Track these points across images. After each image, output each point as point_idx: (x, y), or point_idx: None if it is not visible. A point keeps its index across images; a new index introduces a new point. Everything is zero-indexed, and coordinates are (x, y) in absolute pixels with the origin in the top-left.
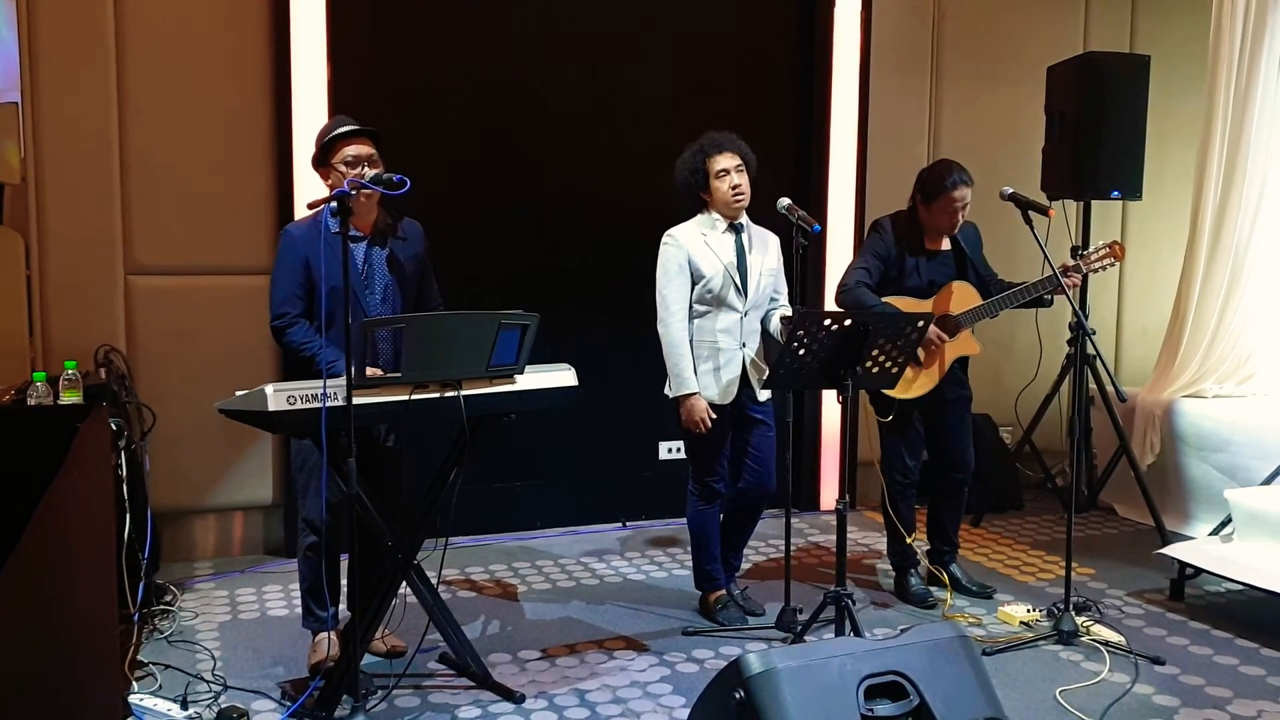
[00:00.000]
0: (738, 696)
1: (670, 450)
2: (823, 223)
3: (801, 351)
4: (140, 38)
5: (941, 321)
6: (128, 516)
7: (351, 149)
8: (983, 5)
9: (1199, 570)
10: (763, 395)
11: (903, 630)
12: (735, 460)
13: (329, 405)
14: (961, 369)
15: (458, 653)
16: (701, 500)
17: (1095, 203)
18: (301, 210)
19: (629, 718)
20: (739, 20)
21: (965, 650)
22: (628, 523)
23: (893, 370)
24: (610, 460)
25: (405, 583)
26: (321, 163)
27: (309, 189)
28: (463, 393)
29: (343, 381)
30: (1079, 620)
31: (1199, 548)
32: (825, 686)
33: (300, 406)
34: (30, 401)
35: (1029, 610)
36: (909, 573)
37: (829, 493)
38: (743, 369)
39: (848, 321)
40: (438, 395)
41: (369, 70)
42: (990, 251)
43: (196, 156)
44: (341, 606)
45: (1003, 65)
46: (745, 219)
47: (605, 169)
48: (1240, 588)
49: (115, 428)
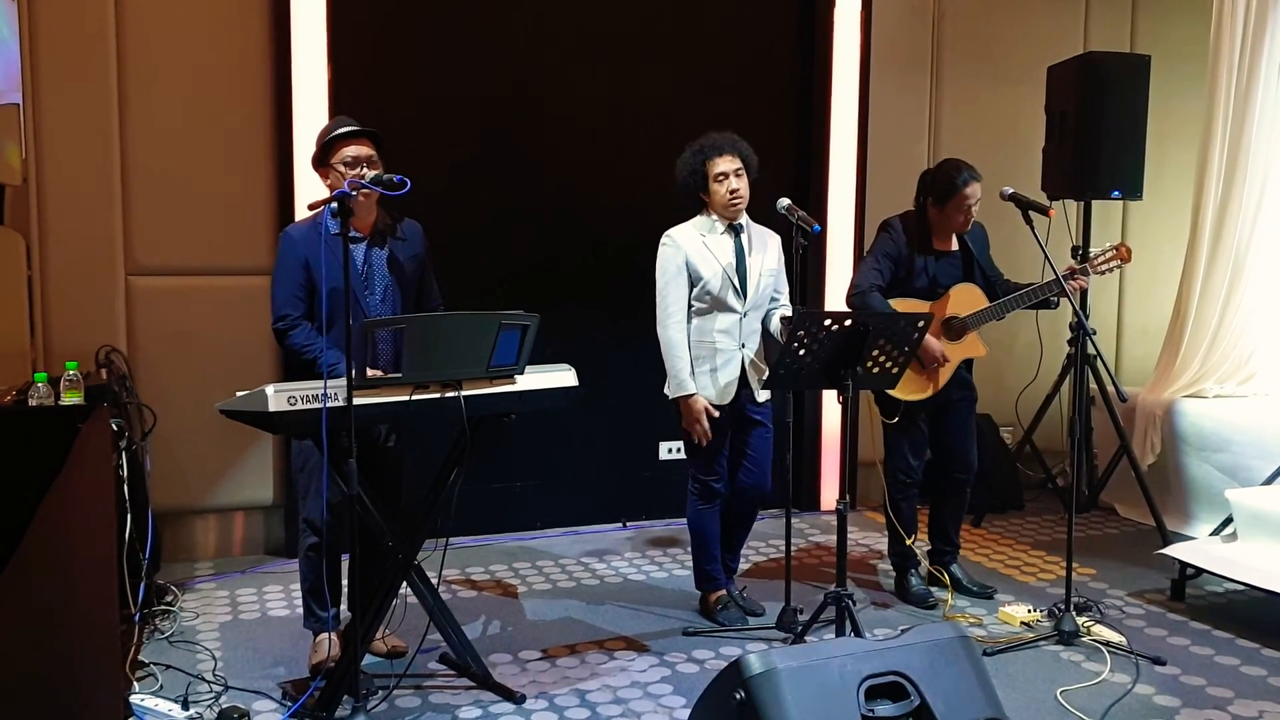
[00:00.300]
0: (738, 697)
1: (670, 450)
2: (823, 223)
3: (802, 352)
4: (141, 39)
5: (948, 323)
6: (129, 517)
7: (351, 150)
8: (983, 5)
9: (1200, 570)
10: (762, 396)
11: (903, 631)
12: (732, 460)
13: (329, 406)
14: (967, 370)
15: (458, 653)
16: (701, 500)
17: (1096, 203)
18: (302, 211)
19: (630, 718)
20: (739, 20)
21: (966, 650)
22: (628, 523)
23: (893, 371)
24: (611, 460)
25: (406, 583)
26: (321, 163)
27: (309, 189)
28: (463, 393)
29: (343, 382)
30: (1080, 620)
31: (1200, 548)
32: (826, 687)
33: (301, 407)
34: (31, 402)
35: (1030, 610)
36: (909, 573)
37: (829, 493)
38: (742, 369)
39: (848, 322)
40: (438, 395)
41: (369, 71)
42: (992, 251)
43: (197, 157)
44: (342, 607)
45: (1003, 65)
46: (745, 219)
47: (605, 169)
48: (1241, 588)
49: (116, 428)
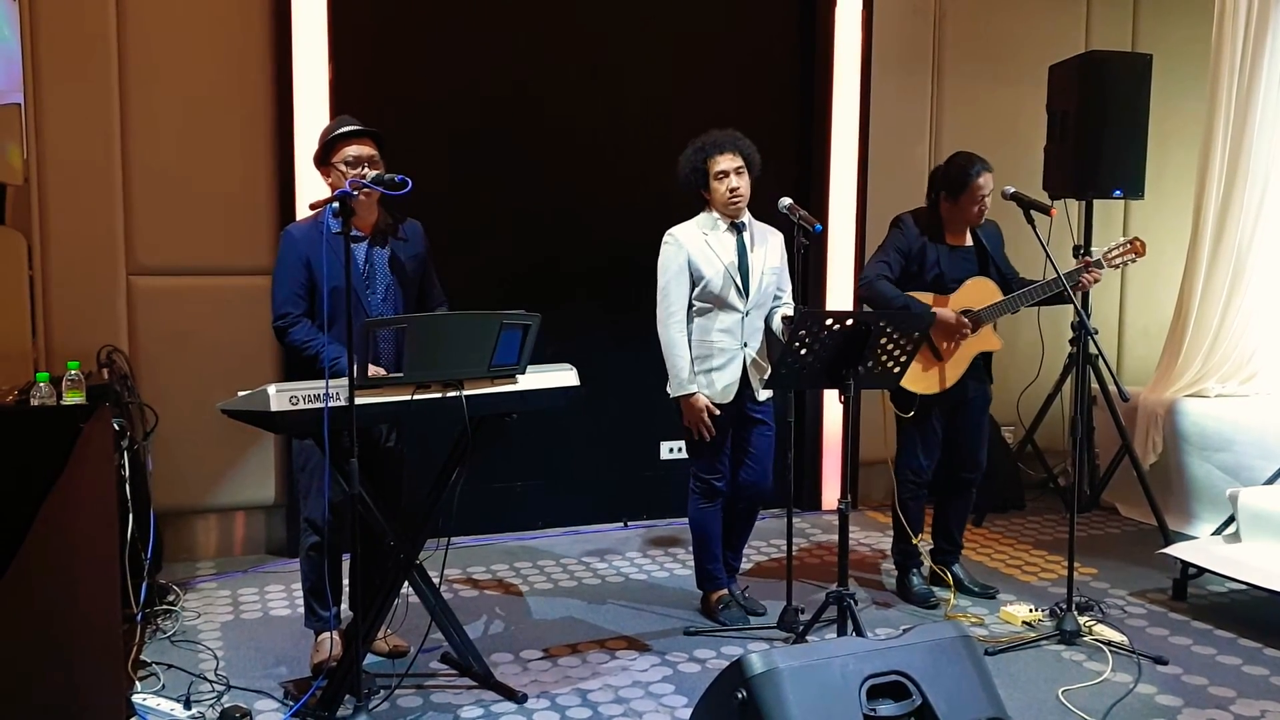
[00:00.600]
0: (740, 696)
1: (672, 450)
2: (824, 222)
3: (803, 351)
4: (142, 39)
5: (963, 316)
6: (130, 516)
7: (352, 149)
8: (984, 4)
9: (1202, 570)
10: (763, 395)
11: (905, 630)
12: (733, 459)
13: (331, 405)
14: (985, 367)
15: (460, 652)
16: (703, 499)
17: (1097, 202)
18: (303, 210)
19: (631, 717)
20: (740, 20)
21: (967, 650)
22: (629, 522)
23: (894, 370)
24: (612, 460)
25: (407, 583)
26: (323, 162)
27: (311, 189)
28: (464, 393)
29: (345, 382)
30: (1081, 620)
31: (1201, 547)
32: (827, 686)
33: (303, 407)
34: (33, 402)
35: (1031, 610)
36: (912, 572)
37: (830, 492)
38: (743, 369)
39: (849, 321)
40: (440, 395)
41: (370, 71)
42: None
43: (198, 157)
44: (344, 606)
45: (1004, 64)
46: (748, 217)
47: (606, 169)
48: (1243, 588)
49: (118, 428)
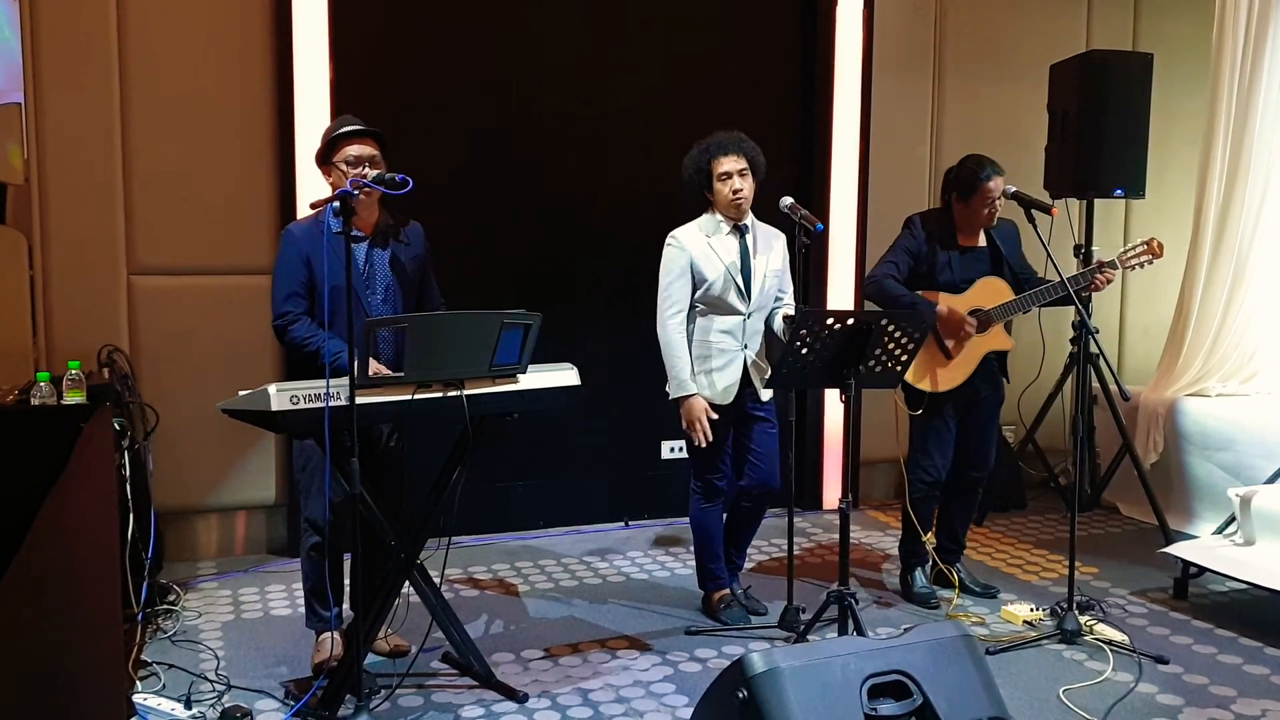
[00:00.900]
0: (741, 696)
1: (673, 449)
2: (825, 222)
3: (805, 351)
4: (142, 38)
5: (972, 315)
6: (131, 516)
7: (354, 149)
8: (985, 3)
9: (1202, 569)
10: (764, 395)
11: (906, 629)
12: (738, 458)
13: (332, 405)
14: (1000, 366)
15: (461, 652)
16: (704, 498)
17: (1098, 201)
18: (304, 210)
19: (632, 717)
20: (740, 19)
21: (968, 649)
22: (630, 522)
23: (896, 369)
24: (613, 459)
25: (408, 582)
26: (325, 161)
27: (311, 189)
28: (465, 392)
29: (346, 381)
30: (1082, 619)
31: (1202, 547)
32: (828, 686)
33: (303, 406)
34: (34, 402)
35: (1032, 609)
36: (915, 571)
37: (831, 492)
38: (744, 369)
39: (850, 321)
40: (440, 395)
41: (371, 70)
42: None
43: (199, 157)
44: (345, 606)
45: (1005, 64)
46: (751, 219)
47: (607, 168)
48: (1244, 587)
49: (118, 428)
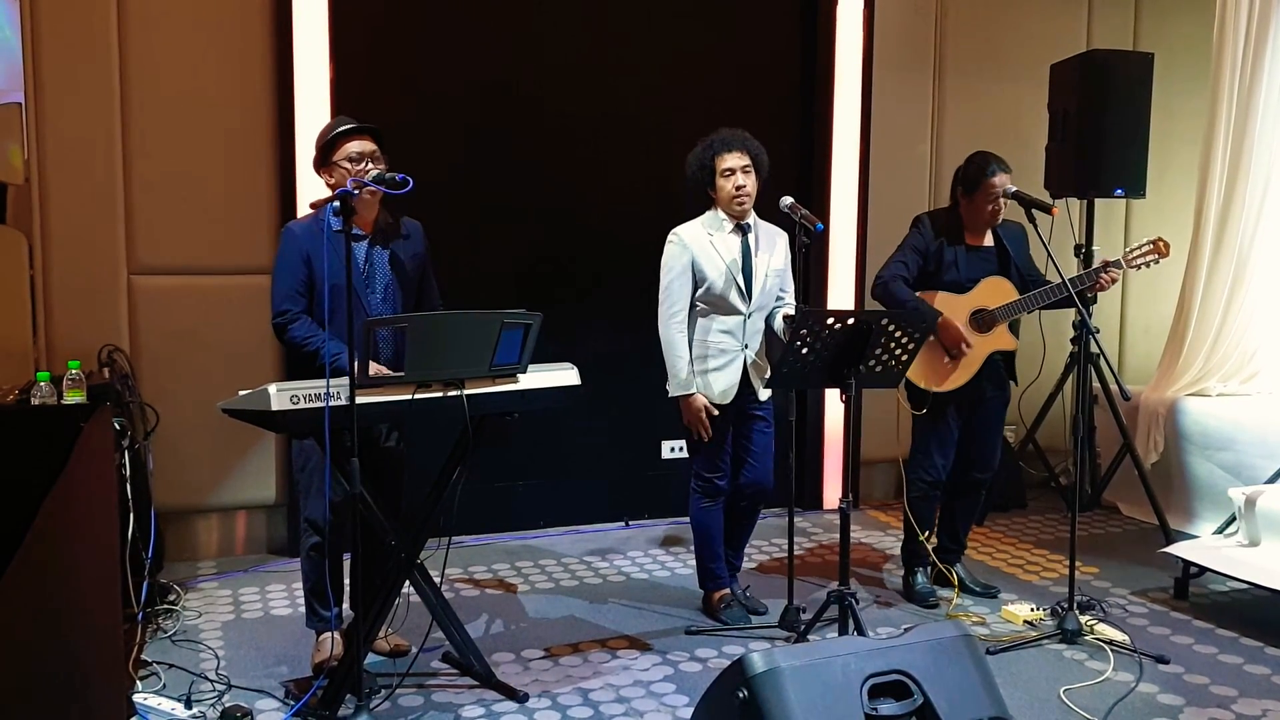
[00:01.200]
0: (741, 696)
1: (673, 449)
2: (825, 221)
3: (805, 351)
4: (142, 38)
5: (976, 315)
6: (131, 516)
7: (354, 145)
8: (985, 3)
9: (1203, 569)
10: (764, 394)
11: (906, 629)
12: (735, 457)
13: (332, 405)
14: (1007, 366)
15: (461, 652)
16: (704, 498)
17: (1099, 201)
18: (304, 209)
19: (632, 717)
20: (741, 19)
21: (969, 649)
22: (630, 521)
23: (896, 369)
24: (613, 459)
25: (408, 582)
26: (323, 163)
27: (311, 189)
28: (465, 392)
29: (346, 381)
30: (1083, 619)
31: (1203, 546)
32: (829, 686)
33: (303, 406)
34: (34, 401)
35: (1033, 609)
36: (916, 571)
37: (832, 492)
38: (744, 369)
39: (850, 320)
40: (440, 395)
41: (371, 70)
42: None
43: (199, 156)
44: (345, 606)
45: (1005, 63)
46: (753, 218)
47: (607, 168)
48: (1245, 586)
49: (118, 427)
